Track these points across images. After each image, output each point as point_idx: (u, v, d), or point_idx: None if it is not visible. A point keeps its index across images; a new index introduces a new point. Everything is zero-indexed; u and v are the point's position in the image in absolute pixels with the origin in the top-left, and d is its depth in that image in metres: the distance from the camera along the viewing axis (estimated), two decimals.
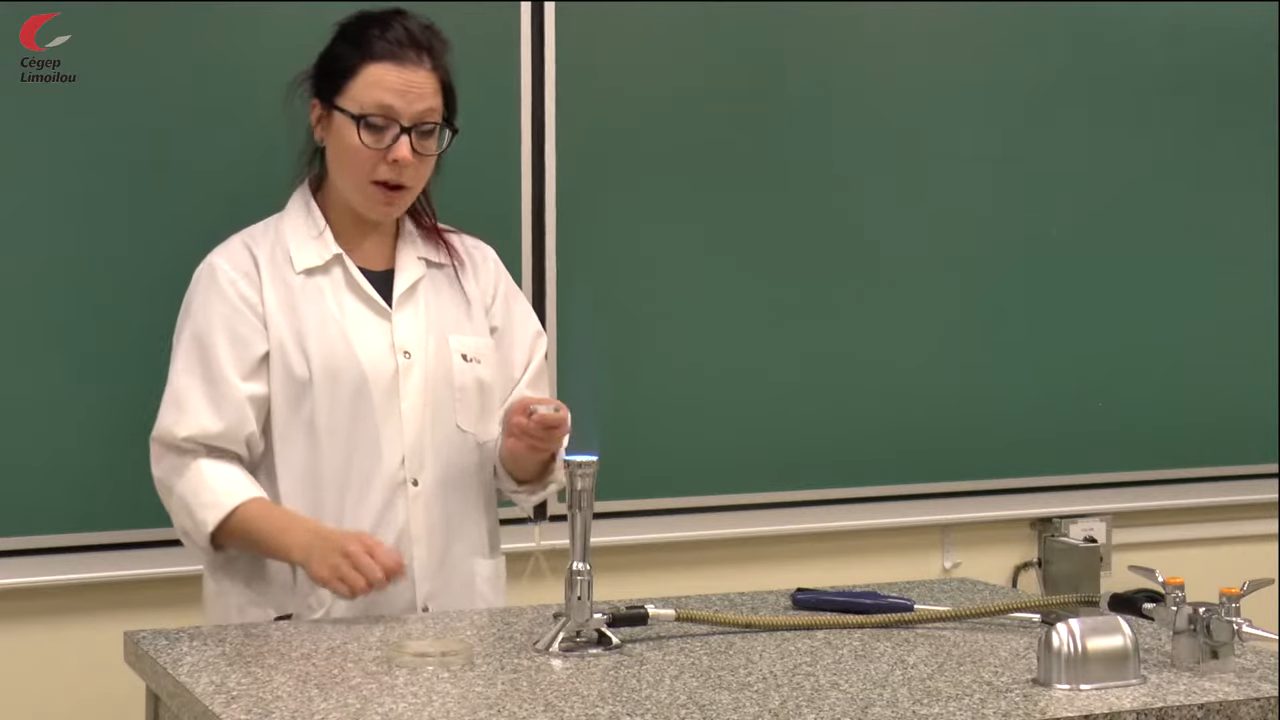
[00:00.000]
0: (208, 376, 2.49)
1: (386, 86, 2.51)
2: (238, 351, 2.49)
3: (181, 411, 2.48)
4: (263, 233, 2.60)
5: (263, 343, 2.51)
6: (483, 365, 2.61)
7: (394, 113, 2.51)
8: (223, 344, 2.49)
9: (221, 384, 2.48)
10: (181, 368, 2.52)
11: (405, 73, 2.51)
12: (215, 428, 2.47)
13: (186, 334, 2.53)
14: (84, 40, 2.90)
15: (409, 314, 2.58)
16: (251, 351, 2.50)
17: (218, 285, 2.53)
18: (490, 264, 2.71)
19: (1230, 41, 3.87)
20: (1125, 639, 1.96)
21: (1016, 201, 3.70)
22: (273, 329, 2.51)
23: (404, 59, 2.52)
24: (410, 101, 2.51)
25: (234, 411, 2.48)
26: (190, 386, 2.49)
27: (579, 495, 2.14)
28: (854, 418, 3.54)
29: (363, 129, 2.51)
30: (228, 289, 2.52)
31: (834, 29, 3.51)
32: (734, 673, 2.00)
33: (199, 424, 2.47)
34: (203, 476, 2.47)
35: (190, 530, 2.48)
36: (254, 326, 2.51)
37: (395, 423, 2.53)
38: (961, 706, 1.85)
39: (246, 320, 2.51)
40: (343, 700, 1.86)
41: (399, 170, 2.52)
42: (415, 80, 2.52)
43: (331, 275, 2.56)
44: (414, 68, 2.52)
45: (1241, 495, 3.93)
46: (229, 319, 2.50)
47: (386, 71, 2.52)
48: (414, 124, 2.52)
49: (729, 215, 3.43)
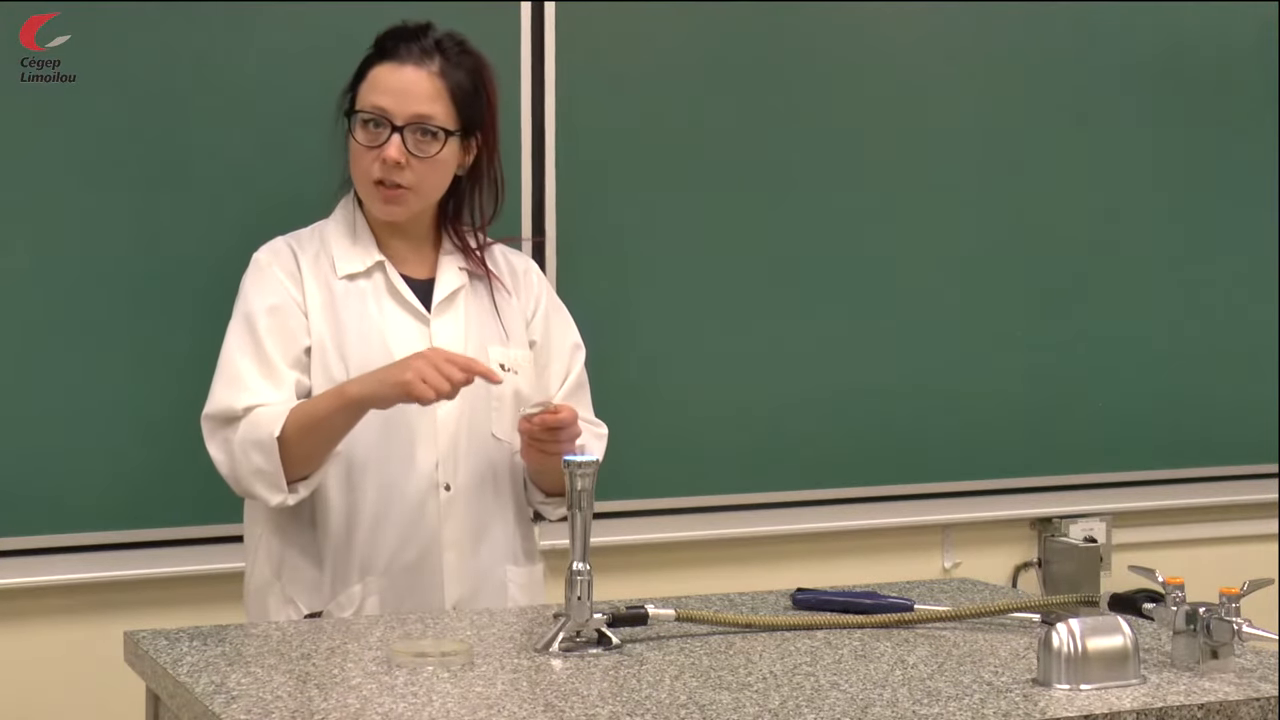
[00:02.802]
0: (260, 357, 2.51)
1: (383, 87, 2.54)
2: (284, 341, 2.52)
3: (239, 387, 2.50)
4: (309, 237, 2.63)
5: (306, 337, 2.54)
6: (520, 376, 2.63)
7: (386, 112, 2.53)
8: (271, 332, 2.52)
9: (273, 365, 2.51)
10: (235, 347, 2.53)
11: (403, 72, 2.54)
12: (274, 398, 2.49)
13: (238, 319, 2.56)
14: (84, 40, 2.90)
15: (448, 321, 2.60)
16: (297, 343, 2.53)
17: (266, 277, 2.56)
18: (533, 277, 2.74)
19: (1230, 41, 3.87)
20: (1125, 639, 1.96)
21: (1017, 202, 3.70)
22: (314, 328, 2.54)
23: (404, 59, 2.55)
24: (404, 102, 2.53)
25: (288, 389, 2.50)
26: (246, 365, 2.51)
27: (579, 495, 2.14)
28: (854, 418, 3.54)
29: (358, 126, 2.55)
30: (275, 283, 2.56)
31: (834, 29, 3.52)
32: (734, 673, 2.00)
33: (258, 396, 2.49)
34: (257, 415, 2.47)
35: (259, 462, 2.44)
36: (299, 320, 2.54)
37: (430, 428, 2.54)
38: (961, 706, 1.85)
39: (293, 313, 2.54)
40: (343, 700, 1.86)
41: (389, 169, 2.53)
42: (412, 81, 2.54)
43: (373, 280, 2.59)
44: (414, 69, 2.54)
45: (1241, 495, 3.93)
46: (276, 309, 2.54)
47: (386, 71, 2.55)
48: (407, 124, 2.53)
49: (729, 215, 3.43)
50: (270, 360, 2.51)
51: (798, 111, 3.49)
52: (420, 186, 2.58)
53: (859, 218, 3.55)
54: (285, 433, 2.43)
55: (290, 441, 2.44)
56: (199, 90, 2.99)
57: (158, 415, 2.96)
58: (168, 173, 2.98)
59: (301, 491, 2.49)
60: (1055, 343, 3.73)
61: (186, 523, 3.00)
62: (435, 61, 2.56)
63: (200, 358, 2.78)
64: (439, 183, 2.61)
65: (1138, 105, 3.80)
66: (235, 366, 2.51)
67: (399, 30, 2.59)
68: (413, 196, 2.58)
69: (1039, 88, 3.71)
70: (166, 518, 3.00)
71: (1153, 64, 3.81)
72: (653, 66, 3.37)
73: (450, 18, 2.66)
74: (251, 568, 2.61)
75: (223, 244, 2.87)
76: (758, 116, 3.45)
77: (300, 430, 2.44)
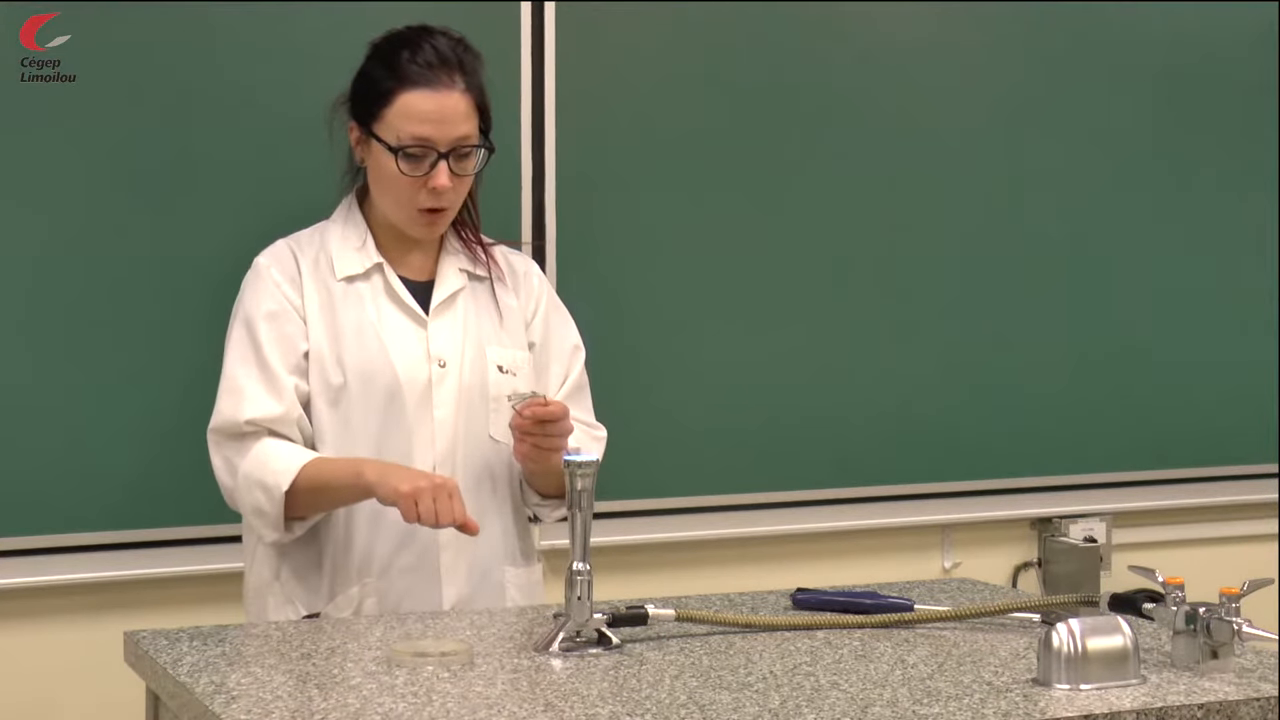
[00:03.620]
0: (261, 365, 2.52)
1: (421, 117, 2.51)
2: (284, 347, 2.53)
3: (242, 398, 2.50)
4: (308, 239, 2.63)
5: (304, 342, 2.54)
6: (519, 378, 2.62)
7: (430, 142, 2.51)
8: (270, 340, 2.52)
9: (273, 373, 2.51)
10: (236, 358, 2.54)
11: (439, 98, 2.51)
12: (275, 411, 2.50)
13: (238, 327, 2.56)
14: (84, 40, 2.90)
15: (446, 323, 2.60)
16: (296, 349, 2.53)
17: (264, 284, 2.56)
18: (533, 279, 2.73)
19: (1230, 41, 3.87)
20: (1125, 639, 1.96)
21: (1017, 202, 3.70)
22: (312, 332, 2.54)
23: (437, 84, 2.52)
24: (446, 129, 2.52)
25: (288, 397, 2.51)
26: (247, 375, 2.52)
27: (579, 495, 2.14)
28: (854, 418, 3.54)
29: (401, 160, 2.52)
30: (273, 289, 2.55)
31: (835, 29, 3.51)
32: (734, 673, 2.00)
33: (260, 407, 2.49)
34: (268, 450, 2.48)
35: (262, 502, 2.46)
36: (297, 325, 2.54)
37: (428, 429, 2.55)
38: (961, 706, 1.85)
39: (291, 319, 2.54)
40: (343, 700, 1.86)
41: (438, 196, 2.53)
42: (449, 105, 2.52)
43: (371, 282, 2.59)
44: (447, 91, 2.52)
45: (1241, 495, 3.93)
46: (275, 316, 2.54)
47: (421, 99, 2.51)
48: (451, 149, 2.52)
49: (729, 214, 3.43)
50: (270, 368, 2.51)
51: (797, 112, 3.48)
52: (457, 202, 2.59)
53: (859, 218, 3.55)
54: (295, 486, 2.44)
55: (298, 494, 2.45)
56: (200, 90, 2.99)
57: (158, 415, 2.96)
58: (170, 174, 2.98)
59: (297, 531, 2.51)
60: (1055, 343, 3.73)
61: (186, 523, 3.00)
62: (459, 78, 2.53)
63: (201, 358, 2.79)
64: (465, 193, 2.62)
65: (1140, 105, 3.80)
66: (236, 378, 2.52)
67: (414, 46, 2.53)
68: (451, 213, 2.60)
69: (1039, 88, 3.71)
70: (166, 518, 3.00)
71: (1154, 64, 3.80)
72: (653, 66, 3.37)
73: (450, 18, 2.66)
74: (250, 569, 2.61)
75: (226, 245, 2.87)
76: (758, 116, 3.45)
77: (310, 490, 2.46)
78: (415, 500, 2.34)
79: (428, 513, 2.34)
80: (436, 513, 2.34)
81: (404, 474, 2.40)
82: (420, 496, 2.34)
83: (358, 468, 2.44)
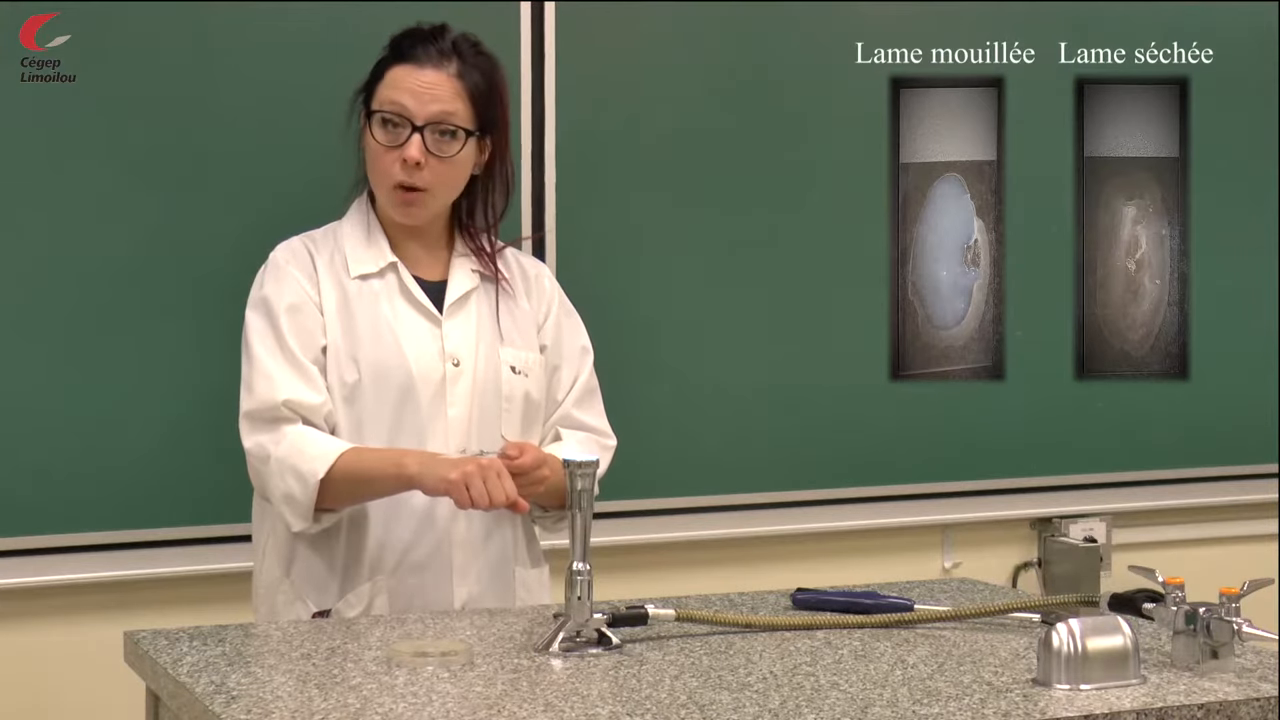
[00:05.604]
0: (288, 354, 2.52)
1: (402, 86, 2.55)
2: (305, 340, 2.53)
3: (275, 382, 2.49)
4: (323, 237, 2.64)
5: (323, 337, 2.54)
6: (530, 379, 2.63)
7: (407, 111, 2.54)
8: (292, 331, 2.52)
9: (301, 363, 2.51)
10: (263, 348, 2.52)
11: (424, 74, 2.55)
12: (313, 399, 2.50)
13: (259, 318, 2.55)
14: (84, 40, 2.90)
15: (460, 322, 2.60)
16: (316, 342, 2.54)
17: (285, 276, 2.56)
18: (545, 282, 2.74)
19: (1230, 41, 3.87)
20: (1125, 639, 1.96)
21: (1016, 202, 3.70)
22: (328, 330, 2.55)
23: (424, 61, 2.56)
24: (424, 102, 2.54)
25: (318, 383, 2.51)
26: (277, 362, 2.51)
27: (579, 495, 2.14)
28: (854, 418, 3.54)
29: (377, 125, 2.55)
30: (293, 282, 2.56)
31: (834, 32, 3.51)
32: (734, 673, 2.00)
33: (294, 390, 2.49)
34: (305, 436, 2.48)
35: (294, 489, 2.45)
36: (317, 320, 2.55)
37: (441, 428, 2.55)
38: (961, 706, 1.85)
39: (311, 313, 2.55)
40: (343, 700, 1.86)
41: (410, 171, 2.54)
42: (432, 81, 2.55)
43: (386, 280, 2.60)
44: (433, 70, 2.55)
45: (1241, 495, 3.93)
46: (296, 308, 2.54)
47: (406, 72, 2.56)
48: (427, 124, 2.53)
49: (729, 215, 3.43)
50: (298, 359, 2.51)
51: (797, 111, 3.48)
52: (438, 188, 2.58)
53: (859, 217, 3.55)
54: (331, 474, 2.44)
55: (333, 483, 2.44)
56: (200, 90, 2.99)
57: (160, 415, 2.97)
58: (175, 172, 2.98)
59: (325, 522, 2.50)
60: (1055, 342, 3.72)
61: (187, 523, 3.00)
62: (453, 63, 2.57)
63: (203, 358, 2.79)
64: (456, 184, 2.61)
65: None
66: (265, 364, 2.51)
67: (415, 32, 2.59)
68: (430, 199, 2.58)
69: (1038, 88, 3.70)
70: (167, 518, 3.00)
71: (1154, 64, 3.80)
72: (652, 66, 3.37)
73: (450, 18, 2.66)
74: (260, 565, 2.61)
75: (231, 244, 2.88)
76: (757, 116, 3.45)
77: (347, 480, 2.45)
78: (466, 485, 2.35)
79: (480, 495, 2.35)
80: (489, 494, 2.35)
81: (449, 462, 2.41)
82: (470, 481, 2.35)
83: (399, 458, 2.44)
